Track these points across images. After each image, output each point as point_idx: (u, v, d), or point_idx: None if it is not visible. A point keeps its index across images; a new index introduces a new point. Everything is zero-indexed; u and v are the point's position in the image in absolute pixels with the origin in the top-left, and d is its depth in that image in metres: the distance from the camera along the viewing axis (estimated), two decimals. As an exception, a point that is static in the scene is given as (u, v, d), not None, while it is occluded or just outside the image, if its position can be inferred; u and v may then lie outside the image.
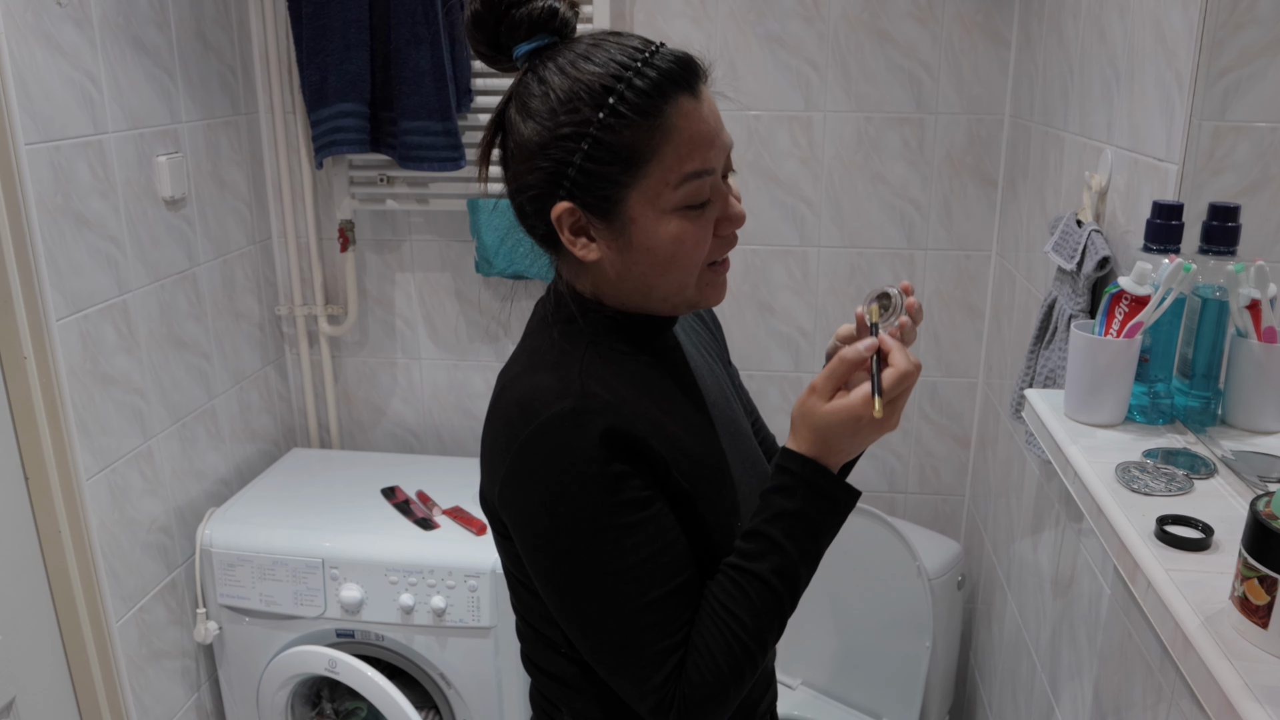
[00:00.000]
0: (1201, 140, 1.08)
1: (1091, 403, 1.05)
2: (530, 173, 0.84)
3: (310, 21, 1.89)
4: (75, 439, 1.57)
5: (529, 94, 0.84)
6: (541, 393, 0.82)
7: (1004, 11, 1.92)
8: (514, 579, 0.93)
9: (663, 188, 0.82)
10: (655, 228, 0.84)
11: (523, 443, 0.81)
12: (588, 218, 0.84)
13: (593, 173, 0.82)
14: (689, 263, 0.86)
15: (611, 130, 0.81)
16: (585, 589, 0.82)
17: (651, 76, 0.81)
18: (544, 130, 0.82)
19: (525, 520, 0.83)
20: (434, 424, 2.32)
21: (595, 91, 0.81)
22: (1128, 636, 1.18)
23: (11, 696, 1.51)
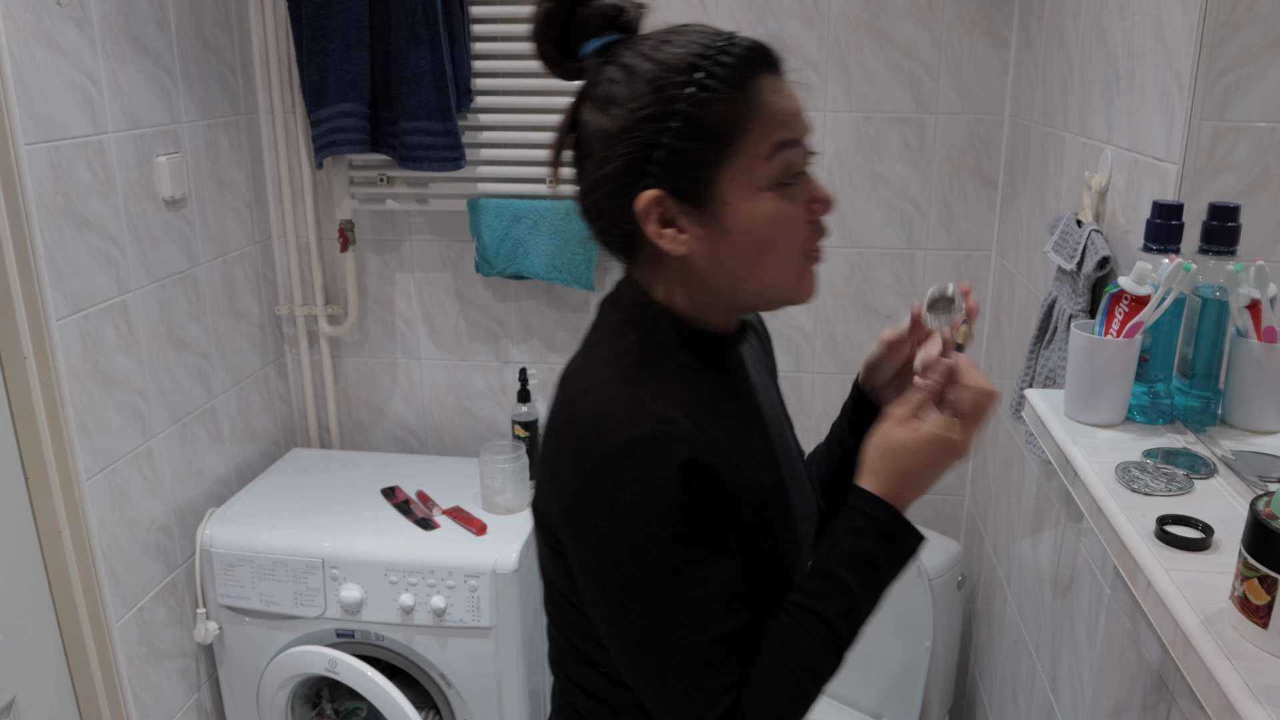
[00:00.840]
0: (1201, 140, 1.08)
1: (1091, 403, 1.05)
2: (611, 162, 0.81)
3: (310, 21, 1.89)
4: (75, 439, 1.57)
5: (608, 82, 0.81)
6: (618, 411, 0.78)
7: (1004, 11, 1.92)
8: (556, 590, 0.90)
9: (755, 162, 0.80)
10: (751, 208, 0.80)
11: (596, 464, 0.77)
12: (677, 205, 0.81)
13: (683, 152, 0.79)
14: (787, 246, 0.83)
15: (702, 105, 0.78)
16: (645, 620, 0.78)
17: (737, 52, 0.81)
18: (628, 114, 0.79)
19: (589, 543, 0.80)
20: (434, 424, 2.32)
21: (681, 69, 0.79)
22: (1128, 636, 1.18)
23: (11, 696, 1.51)
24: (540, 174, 2.05)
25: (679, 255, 0.83)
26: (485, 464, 1.91)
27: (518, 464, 1.91)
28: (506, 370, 2.25)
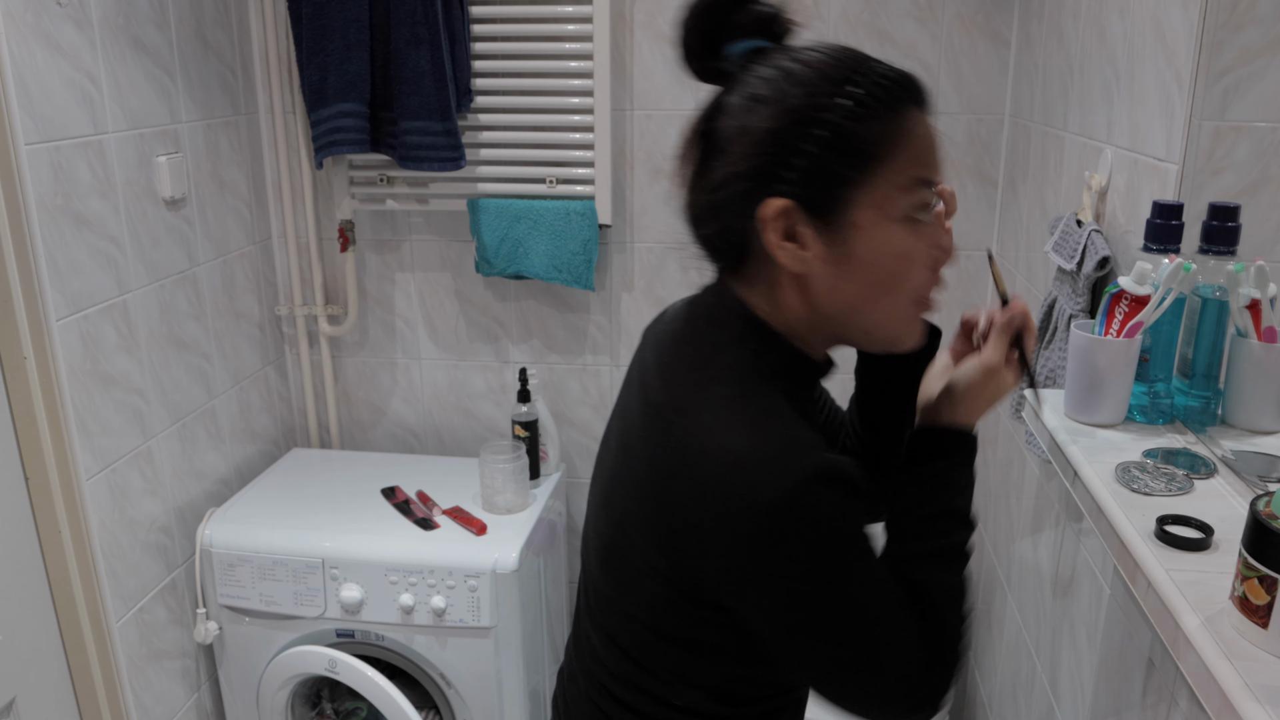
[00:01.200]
0: (1201, 140, 1.08)
1: (1091, 403, 1.05)
2: (746, 161, 0.78)
3: (310, 21, 1.89)
4: (75, 439, 1.57)
5: (758, 80, 0.79)
6: (771, 449, 0.76)
7: (1004, 11, 1.92)
8: (642, 624, 0.87)
9: (893, 190, 0.78)
10: (880, 237, 0.79)
11: (769, 510, 0.74)
12: (806, 219, 0.78)
13: (825, 165, 0.77)
14: (906, 286, 0.81)
15: (854, 119, 0.77)
16: (850, 635, 0.79)
17: (894, 76, 0.80)
18: (775, 115, 0.77)
19: (780, 587, 0.77)
20: (434, 424, 2.32)
21: (837, 79, 0.78)
22: (1128, 636, 1.18)
23: (11, 696, 1.51)
24: (540, 174, 2.05)
25: (794, 272, 0.81)
26: (485, 464, 1.91)
27: (518, 464, 1.91)
28: (506, 370, 2.25)
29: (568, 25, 1.97)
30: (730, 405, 0.79)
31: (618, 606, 0.90)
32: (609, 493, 0.91)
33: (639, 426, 0.86)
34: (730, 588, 0.79)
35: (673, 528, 0.80)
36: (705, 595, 0.81)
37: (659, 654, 0.88)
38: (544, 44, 1.99)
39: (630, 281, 2.15)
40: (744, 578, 0.78)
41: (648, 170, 2.08)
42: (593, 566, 0.95)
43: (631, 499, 0.85)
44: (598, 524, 0.93)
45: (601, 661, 0.94)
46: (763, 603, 0.79)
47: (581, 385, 2.24)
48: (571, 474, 2.31)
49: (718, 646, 0.85)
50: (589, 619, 0.97)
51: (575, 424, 2.27)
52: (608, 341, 2.20)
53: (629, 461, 0.87)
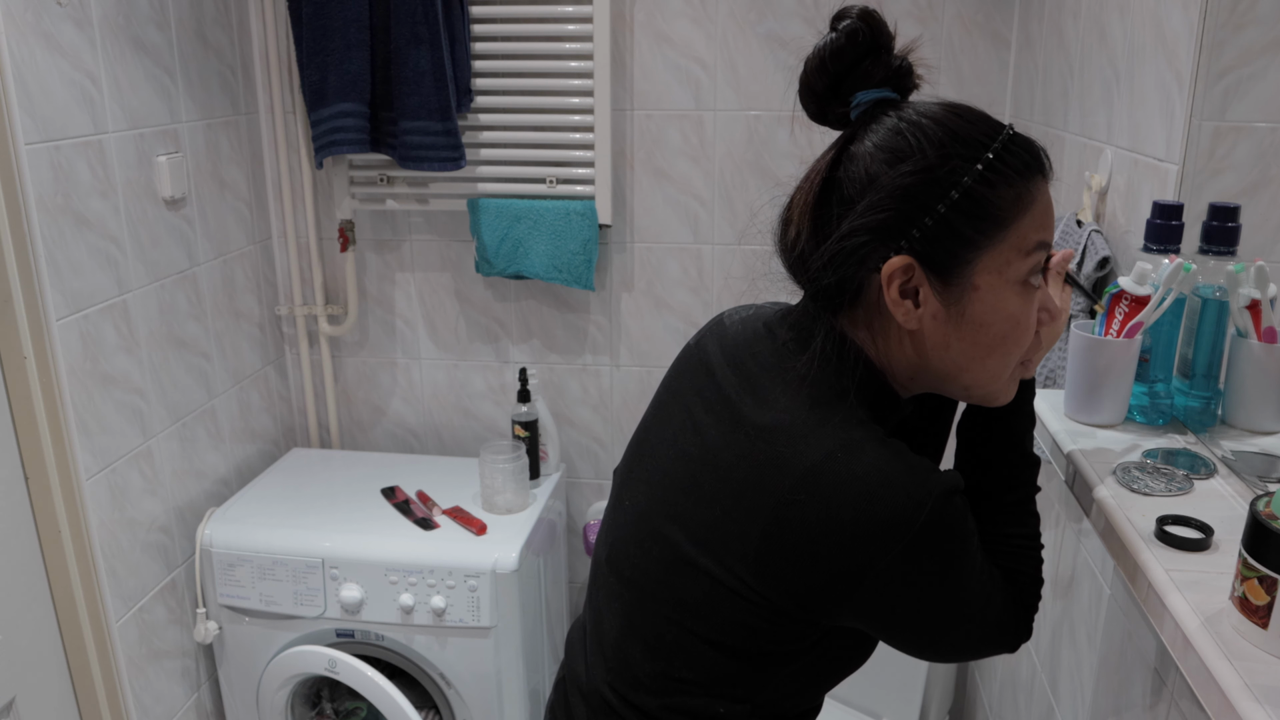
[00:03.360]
0: (1201, 140, 1.08)
1: (1091, 403, 1.05)
2: (874, 215, 0.79)
3: (310, 21, 1.89)
4: (75, 439, 1.57)
5: (893, 134, 0.80)
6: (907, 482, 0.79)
7: (1004, 11, 1.92)
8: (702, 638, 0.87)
9: (1014, 255, 0.80)
10: (996, 299, 0.81)
11: (920, 532, 0.78)
12: (926, 277, 0.80)
13: (952, 227, 0.78)
14: (1015, 348, 0.83)
15: (986, 184, 0.78)
16: (969, 610, 0.85)
17: (1024, 144, 0.81)
18: (908, 173, 0.78)
19: (918, 595, 0.82)
20: (434, 424, 2.32)
21: (972, 144, 0.79)
22: (1128, 636, 1.18)
23: (11, 696, 1.51)
24: (540, 174, 2.05)
25: (908, 329, 0.82)
26: (485, 464, 1.91)
27: (518, 464, 1.91)
28: (506, 370, 2.25)
29: (568, 25, 1.97)
30: (848, 432, 0.81)
31: (673, 620, 0.88)
32: (678, 506, 0.89)
33: (733, 446, 0.85)
34: (862, 603, 0.82)
35: (792, 553, 0.81)
36: (806, 612, 0.83)
37: (712, 666, 0.87)
38: (544, 44, 1.99)
39: (630, 281, 2.15)
40: (886, 594, 0.81)
41: (648, 170, 2.08)
42: (644, 577, 0.92)
43: (725, 518, 0.84)
44: (656, 534, 0.91)
45: (637, 675, 0.92)
46: (901, 610, 0.83)
47: (581, 385, 2.24)
48: (571, 474, 2.31)
49: (783, 660, 0.87)
50: (625, 628, 0.94)
51: (575, 424, 2.27)
52: (608, 341, 2.20)
53: (719, 480, 0.85)
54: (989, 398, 0.87)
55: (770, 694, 0.89)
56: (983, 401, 0.88)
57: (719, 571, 0.84)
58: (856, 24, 0.83)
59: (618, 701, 0.93)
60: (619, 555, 0.95)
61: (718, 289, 2.13)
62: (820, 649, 0.87)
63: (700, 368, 0.94)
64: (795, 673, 0.89)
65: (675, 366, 0.99)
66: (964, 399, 0.89)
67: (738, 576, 0.83)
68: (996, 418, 0.92)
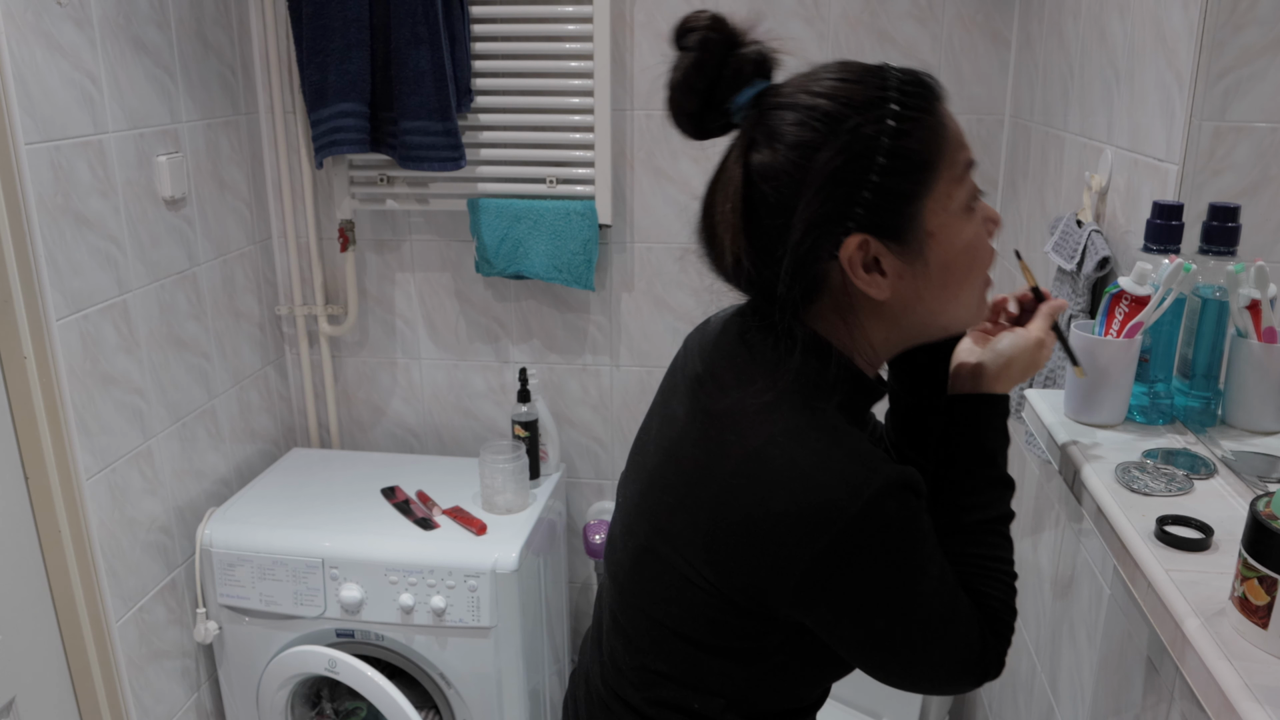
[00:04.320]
0: (1201, 140, 1.08)
1: (1091, 403, 1.05)
2: (814, 209, 0.77)
3: (310, 21, 1.89)
4: (75, 439, 1.57)
5: (790, 127, 0.78)
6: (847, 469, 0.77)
7: (1004, 11, 1.92)
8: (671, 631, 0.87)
9: (953, 186, 0.80)
10: (952, 236, 0.81)
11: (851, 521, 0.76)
12: (883, 246, 0.79)
13: (890, 190, 0.77)
14: (980, 271, 0.84)
15: (903, 135, 0.77)
16: (921, 625, 0.82)
17: (914, 80, 0.80)
18: (830, 156, 0.76)
19: (859, 593, 0.79)
20: (434, 424, 2.32)
21: (872, 104, 0.77)
22: (1128, 636, 1.18)
23: (11, 696, 1.51)
24: (540, 174, 2.05)
25: (877, 299, 0.81)
26: (485, 464, 1.91)
27: (518, 464, 1.91)
28: (506, 370, 2.25)
29: (568, 25, 1.97)
30: (796, 417, 0.80)
31: (646, 612, 0.89)
32: (648, 497, 0.90)
33: (692, 435, 0.86)
34: (804, 598, 0.80)
35: (732, 538, 0.80)
36: (754, 603, 0.82)
37: (685, 660, 0.88)
38: (544, 44, 1.99)
39: (630, 281, 2.15)
40: (822, 587, 0.79)
41: (648, 170, 2.08)
42: (622, 572, 0.93)
43: (679, 506, 0.85)
44: (632, 528, 0.92)
45: (620, 666, 0.94)
46: (839, 608, 0.80)
47: (581, 385, 2.24)
48: (571, 474, 2.31)
49: (749, 655, 0.86)
50: (611, 624, 0.96)
51: (575, 424, 2.27)
52: (608, 341, 2.20)
53: (676, 468, 0.86)
54: (966, 324, 0.89)
55: (746, 691, 0.88)
56: (960, 330, 0.89)
57: (678, 561, 0.85)
58: (706, 34, 0.81)
59: (608, 695, 0.95)
60: (609, 552, 0.98)
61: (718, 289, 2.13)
62: (792, 648, 0.85)
63: (681, 364, 0.95)
64: (770, 670, 0.87)
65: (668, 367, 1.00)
66: (942, 337, 0.89)
67: (692, 566, 0.83)
68: (967, 431, 0.92)
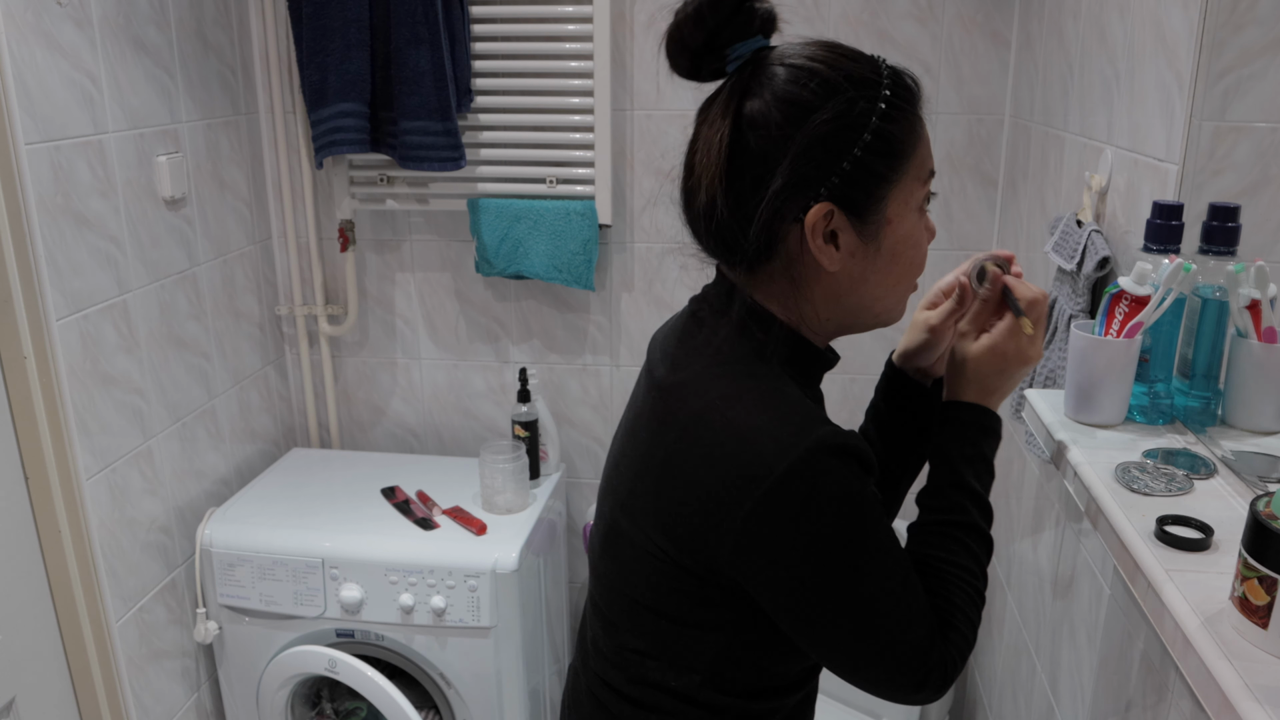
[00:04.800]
0: (1201, 140, 1.08)
1: (1091, 403, 1.05)
2: (791, 170, 0.79)
3: (310, 21, 1.89)
4: (75, 439, 1.57)
5: (784, 86, 0.79)
6: (779, 425, 0.77)
7: (1004, 11, 1.92)
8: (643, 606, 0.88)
9: (916, 184, 0.83)
10: (905, 229, 0.84)
11: (778, 485, 0.76)
12: (845, 221, 0.81)
13: (867, 167, 0.80)
14: (916, 270, 0.87)
15: (890, 120, 0.80)
16: (861, 604, 0.80)
17: (905, 74, 0.83)
18: (823, 122, 0.78)
19: (790, 559, 0.78)
20: (434, 424, 2.32)
21: (868, 83, 0.80)
22: (1128, 636, 1.18)
23: (11, 696, 1.51)
24: (540, 174, 2.05)
25: (829, 271, 0.83)
26: (485, 464, 1.91)
27: (518, 464, 1.91)
28: (506, 370, 2.25)
29: (568, 25, 1.97)
30: (736, 383, 0.82)
31: (618, 589, 0.91)
32: (611, 479, 0.93)
33: (645, 412, 0.88)
34: (739, 560, 0.80)
35: (677, 504, 0.82)
36: (710, 572, 0.82)
37: (657, 635, 0.89)
38: (544, 44, 1.99)
39: (630, 281, 2.15)
40: (754, 549, 0.79)
41: (648, 170, 2.08)
42: (594, 554, 0.96)
43: (636, 479, 0.87)
44: (600, 510, 0.95)
45: (601, 650, 0.95)
46: (773, 574, 0.80)
47: (581, 385, 2.24)
48: (571, 474, 2.31)
49: (716, 625, 0.86)
50: (591, 609, 0.98)
51: (575, 424, 2.27)
52: (608, 341, 2.20)
53: (635, 445, 0.89)
54: (890, 319, 0.89)
55: (719, 665, 0.88)
56: (883, 324, 0.89)
57: (639, 536, 0.86)
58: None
59: (594, 682, 0.97)
60: (590, 536, 1.00)
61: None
62: (755, 618, 0.85)
63: (648, 355, 0.97)
64: (742, 642, 0.87)
65: None
66: (871, 327, 0.90)
67: (651, 539, 0.85)
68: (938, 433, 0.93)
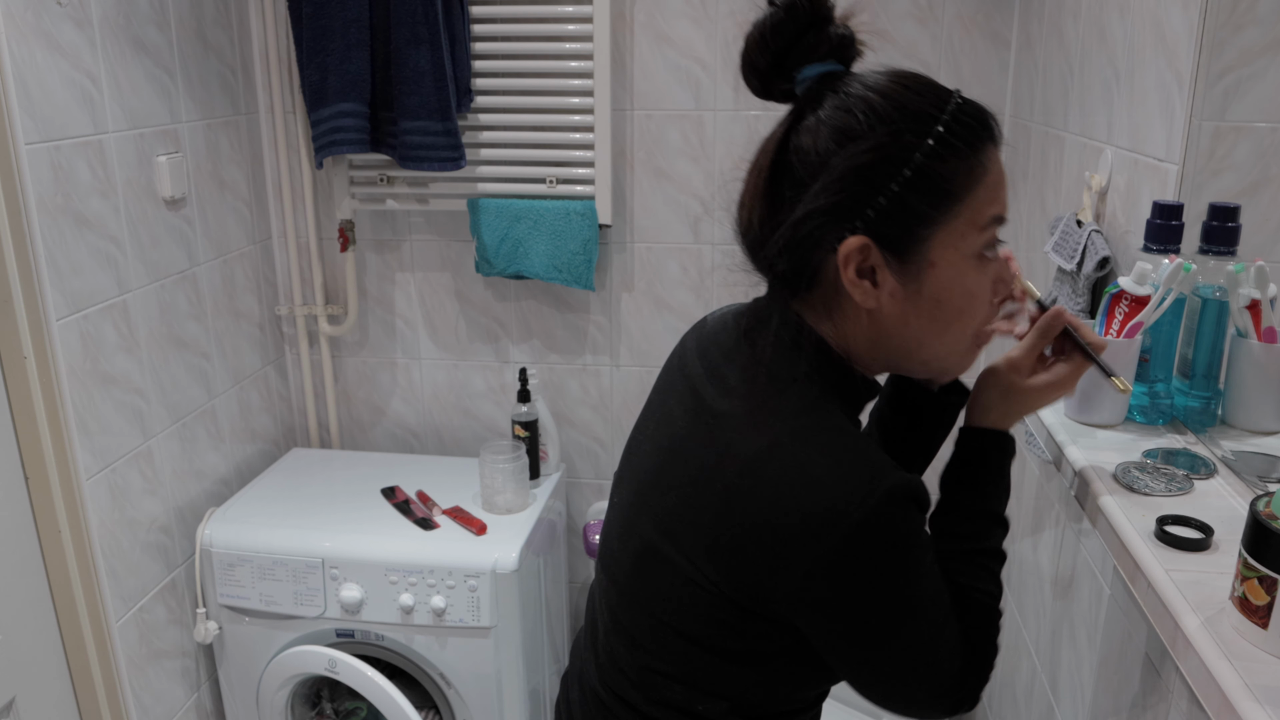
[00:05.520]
0: (1201, 140, 1.08)
1: (1091, 403, 1.05)
2: (828, 197, 0.78)
3: (310, 21, 1.89)
4: (75, 439, 1.57)
5: (841, 112, 0.79)
6: (852, 474, 0.77)
7: (1004, 11, 1.92)
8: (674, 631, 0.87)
9: (969, 229, 0.79)
10: (953, 275, 0.80)
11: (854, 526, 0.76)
12: (883, 257, 0.79)
13: (906, 204, 0.77)
14: (971, 321, 0.83)
15: (938, 158, 0.77)
16: (913, 639, 0.82)
17: (973, 113, 0.80)
18: (860, 152, 0.77)
19: (854, 600, 0.79)
20: (434, 424, 2.32)
21: (922, 118, 0.77)
22: (1128, 636, 1.18)
23: (11, 696, 1.51)
24: (540, 174, 2.05)
25: (866, 309, 0.81)
26: (485, 464, 1.91)
27: (518, 464, 1.91)
28: (506, 370, 2.25)
29: (568, 25, 1.97)
30: (800, 419, 0.80)
31: (649, 611, 0.89)
32: (648, 497, 0.89)
33: (697, 436, 0.85)
34: (800, 599, 0.80)
35: (737, 539, 0.80)
36: (757, 605, 0.82)
37: (688, 661, 0.87)
38: (544, 44, 1.99)
39: (630, 281, 2.15)
40: (818, 590, 0.79)
41: (648, 170, 2.08)
42: (622, 571, 0.93)
43: (684, 505, 0.84)
44: (632, 527, 0.91)
45: (620, 667, 0.93)
46: (833, 612, 0.80)
47: (581, 385, 2.24)
48: (571, 474, 2.31)
49: (751, 655, 0.85)
50: (611, 624, 0.95)
51: (575, 424, 2.27)
52: (608, 341, 2.20)
53: (680, 468, 0.86)
54: (946, 371, 0.87)
55: (749, 693, 0.88)
56: (940, 375, 0.88)
57: (682, 562, 0.84)
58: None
59: (608, 696, 0.94)
60: (606, 552, 0.97)
61: (718, 289, 2.13)
62: (798, 650, 0.85)
63: (678, 364, 0.95)
64: (774, 672, 0.87)
65: (664, 366, 1.00)
66: (923, 374, 0.89)
67: (697, 567, 0.83)
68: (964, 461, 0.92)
